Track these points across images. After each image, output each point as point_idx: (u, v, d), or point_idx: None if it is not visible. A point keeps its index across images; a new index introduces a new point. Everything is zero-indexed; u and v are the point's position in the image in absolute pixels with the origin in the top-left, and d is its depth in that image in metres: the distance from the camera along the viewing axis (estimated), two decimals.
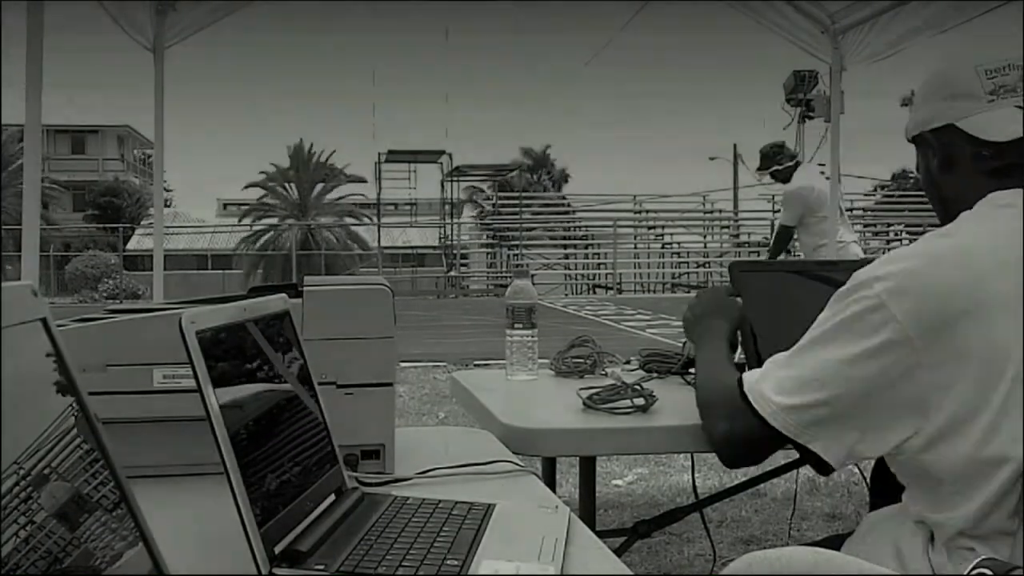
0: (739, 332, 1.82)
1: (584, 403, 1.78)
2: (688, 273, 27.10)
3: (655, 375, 2.10)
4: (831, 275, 2.00)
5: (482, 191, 37.02)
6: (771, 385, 1.31)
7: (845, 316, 1.25)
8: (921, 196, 2.80)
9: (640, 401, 1.76)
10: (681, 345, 2.19)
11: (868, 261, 1.31)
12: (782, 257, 6.88)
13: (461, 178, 28.77)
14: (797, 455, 1.35)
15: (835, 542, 1.43)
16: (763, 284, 1.96)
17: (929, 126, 1.37)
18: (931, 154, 1.38)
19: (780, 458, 2.27)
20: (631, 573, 0.99)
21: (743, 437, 1.36)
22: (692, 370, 1.91)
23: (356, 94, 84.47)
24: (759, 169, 6.74)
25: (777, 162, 6.50)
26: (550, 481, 2.27)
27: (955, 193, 1.34)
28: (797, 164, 6.57)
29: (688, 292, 24.23)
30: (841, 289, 1.28)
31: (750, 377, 1.37)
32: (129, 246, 31.22)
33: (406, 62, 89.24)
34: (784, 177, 6.48)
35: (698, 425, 1.60)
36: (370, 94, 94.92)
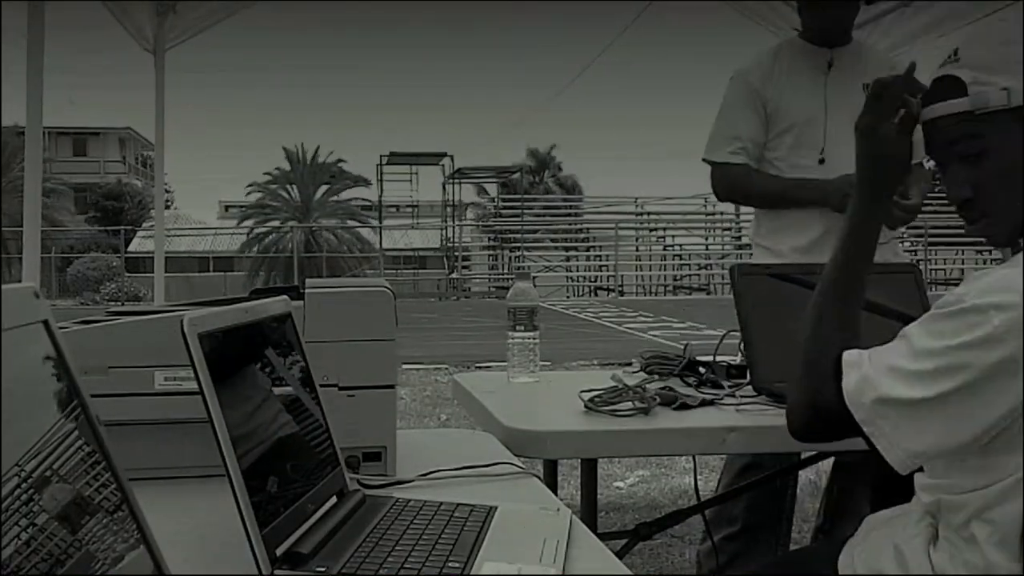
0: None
1: (586, 405, 1.78)
2: (690, 275, 27.07)
3: (657, 377, 2.10)
4: None
5: (485, 193, 36.99)
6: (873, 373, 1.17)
7: (952, 344, 1.11)
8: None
9: (641, 403, 1.76)
10: (682, 348, 2.19)
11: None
12: None
13: (463, 180, 28.73)
14: (788, 459, 1.32)
15: (836, 544, 1.43)
16: (765, 287, 1.96)
17: None
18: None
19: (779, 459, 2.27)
20: (632, 575, 0.99)
21: (823, 409, 1.23)
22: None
23: (357, 95, 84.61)
24: None
25: None
26: (552, 483, 2.26)
27: None
28: None
29: (689, 295, 24.23)
30: (942, 309, 1.13)
31: (850, 355, 1.22)
32: (131, 248, 31.15)
33: (407, 62, 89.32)
34: None
35: (697, 427, 1.60)
36: (371, 95, 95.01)
